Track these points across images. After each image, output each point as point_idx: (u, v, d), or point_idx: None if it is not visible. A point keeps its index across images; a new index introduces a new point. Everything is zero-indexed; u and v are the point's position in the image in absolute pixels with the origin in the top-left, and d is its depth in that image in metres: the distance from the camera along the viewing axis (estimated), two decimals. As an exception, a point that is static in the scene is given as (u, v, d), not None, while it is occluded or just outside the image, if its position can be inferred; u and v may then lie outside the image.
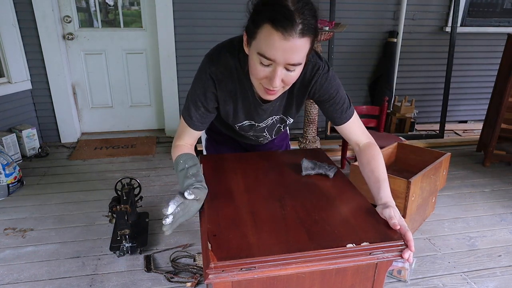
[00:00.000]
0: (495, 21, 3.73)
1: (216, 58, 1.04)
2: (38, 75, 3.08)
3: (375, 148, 1.11)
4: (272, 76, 0.90)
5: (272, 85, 0.92)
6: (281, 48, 0.84)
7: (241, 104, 1.11)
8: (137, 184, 2.12)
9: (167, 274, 1.77)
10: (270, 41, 0.84)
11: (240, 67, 1.03)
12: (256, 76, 0.94)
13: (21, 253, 1.92)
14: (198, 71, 1.08)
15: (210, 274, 0.73)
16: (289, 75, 0.92)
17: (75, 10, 3.08)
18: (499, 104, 2.88)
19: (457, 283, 1.78)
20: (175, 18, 3.12)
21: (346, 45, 3.47)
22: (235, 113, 1.13)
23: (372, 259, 0.80)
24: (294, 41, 0.84)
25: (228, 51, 1.04)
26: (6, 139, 2.82)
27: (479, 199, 2.55)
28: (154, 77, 3.42)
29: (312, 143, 2.94)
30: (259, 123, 1.18)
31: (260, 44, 0.87)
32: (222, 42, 1.08)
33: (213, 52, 1.06)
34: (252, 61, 0.92)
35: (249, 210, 0.92)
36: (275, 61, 0.87)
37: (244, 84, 1.06)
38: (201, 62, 1.08)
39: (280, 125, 1.23)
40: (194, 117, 1.09)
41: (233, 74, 1.04)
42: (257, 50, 0.88)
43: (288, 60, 0.87)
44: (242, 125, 1.18)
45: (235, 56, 1.03)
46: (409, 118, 3.62)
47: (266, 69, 0.90)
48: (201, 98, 1.06)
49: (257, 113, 1.13)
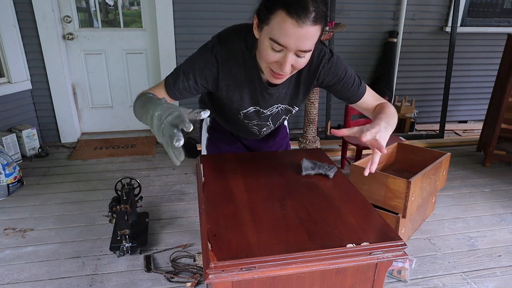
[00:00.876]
0: (495, 21, 3.73)
1: (223, 40, 1.04)
2: (38, 75, 3.08)
3: (387, 103, 1.16)
4: (282, 62, 0.91)
5: (282, 70, 0.93)
6: (294, 35, 0.86)
7: (247, 89, 1.10)
8: (137, 184, 2.12)
9: (167, 274, 1.77)
10: (283, 28, 0.85)
11: (247, 50, 1.03)
12: (267, 61, 0.94)
13: (21, 253, 1.92)
14: (202, 47, 1.07)
15: (210, 274, 0.73)
16: (299, 61, 0.93)
17: (75, 10, 3.08)
18: (499, 104, 2.88)
19: (457, 283, 1.78)
20: (175, 18, 3.12)
21: (346, 45, 3.47)
22: (240, 98, 1.12)
23: (372, 259, 0.80)
24: (307, 29, 0.85)
25: (235, 34, 1.05)
26: (6, 139, 2.82)
27: (479, 199, 2.55)
28: (154, 77, 3.42)
29: (312, 143, 2.94)
30: (264, 109, 1.17)
31: (273, 30, 0.88)
32: (231, 26, 1.09)
33: (222, 33, 1.06)
34: (263, 46, 0.92)
35: (249, 210, 0.92)
36: (287, 48, 0.88)
37: (251, 68, 1.06)
38: (208, 41, 1.07)
39: (285, 116, 1.23)
40: (177, 86, 1.05)
41: (238, 58, 1.04)
42: (269, 35, 0.89)
43: (300, 47, 0.88)
44: (247, 112, 1.17)
45: (242, 40, 1.03)
46: (409, 118, 3.62)
47: (277, 54, 0.91)
48: (196, 71, 1.04)
49: (263, 98, 1.12)
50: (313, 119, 2.87)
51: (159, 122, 0.80)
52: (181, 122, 0.76)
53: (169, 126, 0.77)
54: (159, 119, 0.80)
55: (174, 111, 0.79)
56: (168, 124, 0.77)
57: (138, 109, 0.96)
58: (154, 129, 0.82)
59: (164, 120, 0.79)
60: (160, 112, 0.81)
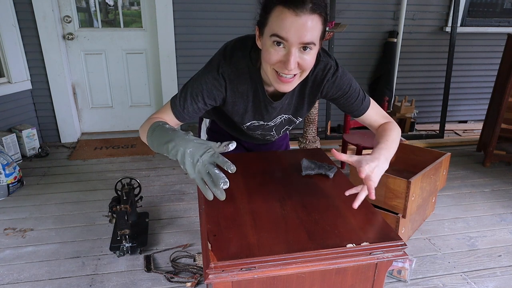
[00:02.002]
0: (495, 21, 3.73)
1: (229, 57, 1.03)
2: (38, 75, 3.08)
3: (393, 123, 1.14)
4: (286, 59, 0.89)
5: (287, 67, 0.90)
6: (294, 25, 0.85)
7: (252, 104, 1.10)
8: (137, 184, 2.12)
9: (167, 274, 1.77)
10: (282, 20, 0.85)
11: (252, 65, 1.03)
12: (270, 61, 0.92)
13: (21, 253, 1.92)
14: (209, 65, 1.05)
15: (210, 274, 0.73)
16: (304, 58, 0.91)
17: (75, 10, 3.08)
18: (499, 104, 2.88)
19: (457, 283, 1.78)
20: (175, 18, 3.12)
21: (346, 45, 3.47)
22: (244, 113, 1.12)
23: (372, 259, 0.80)
24: (306, 18, 0.85)
25: (240, 49, 1.04)
26: (6, 139, 2.82)
27: (479, 199, 2.55)
28: (154, 77, 3.42)
29: (312, 143, 2.94)
30: (268, 122, 1.17)
31: (272, 26, 0.87)
32: (236, 40, 1.08)
33: (227, 50, 1.05)
34: (266, 47, 0.92)
35: (249, 210, 0.92)
36: (289, 40, 0.87)
37: (256, 83, 1.05)
38: (214, 57, 1.06)
39: (288, 126, 1.23)
40: (186, 110, 1.04)
41: (244, 73, 1.04)
42: (270, 32, 0.88)
43: (302, 38, 0.87)
44: (250, 125, 1.17)
45: (246, 55, 1.03)
46: (409, 118, 3.62)
47: (279, 52, 0.89)
48: (204, 93, 1.03)
49: (267, 112, 1.12)
50: (313, 119, 2.87)
51: (192, 160, 0.80)
52: (222, 162, 0.78)
53: (209, 166, 0.78)
54: (192, 157, 0.80)
55: (208, 149, 0.80)
56: (207, 163, 0.78)
57: (153, 140, 0.93)
58: (186, 166, 0.81)
59: (200, 159, 0.79)
60: (192, 149, 0.81)
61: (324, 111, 3.46)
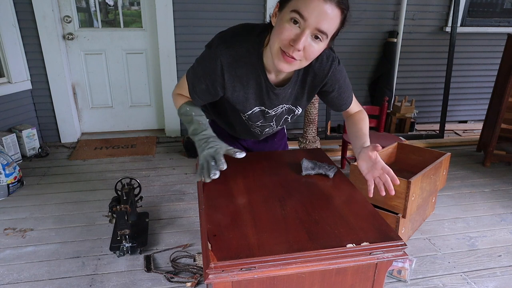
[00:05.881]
0: (495, 21, 3.73)
1: (228, 41, 1.03)
2: (38, 75, 3.08)
3: (363, 113, 1.25)
4: (297, 38, 0.89)
5: (295, 45, 0.90)
6: (317, 9, 0.86)
7: (253, 89, 1.09)
8: (137, 184, 2.12)
9: (167, 274, 1.77)
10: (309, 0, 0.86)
11: (253, 49, 1.02)
12: (280, 36, 0.92)
13: (21, 253, 1.92)
14: (206, 50, 1.06)
15: (210, 274, 0.73)
16: (312, 46, 0.92)
17: (75, 10, 3.08)
18: (499, 104, 2.88)
19: (457, 283, 1.78)
20: (175, 18, 3.12)
21: (346, 45, 3.47)
22: (245, 99, 1.11)
23: (372, 259, 0.80)
24: (330, 7, 0.87)
25: (240, 34, 1.04)
26: (6, 139, 2.82)
27: (479, 199, 2.55)
28: (154, 77, 3.42)
29: (312, 143, 2.94)
30: (269, 109, 1.16)
31: (298, 3, 0.88)
32: (236, 26, 1.08)
33: (226, 34, 1.05)
34: (281, 22, 0.91)
35: (249, 210, 0.92)
36: (307, 21, 0.87)
37: (257, 68, 1.05)
38: (211, 41, 1.06)
39: (287, 116, 1.23)
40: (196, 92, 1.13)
41: (244, 58, 1.03)
42: (292, 7, 0.88)
43: (319, 24, 0.88)
44: (252, 113, 1.16)
45: (247, 40, 1.02)
46: (409, 118, 3.62)
47: (293, 30, 0.90)
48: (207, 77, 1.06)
49: (269, 98, 1.12)
50: (313, 119, 2.87)
51: (199, 147, 1.07)
52: (217, 160, 1.01)
53: (208, 157, 1.02)
54: (199, 145, 1.07)
55: (215, 145, 1.05)
56: (207, 155, 1.03)
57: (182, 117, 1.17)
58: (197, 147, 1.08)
59: (205, 149, 1.04)
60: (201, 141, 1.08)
61: (324, 111, 3.46)
